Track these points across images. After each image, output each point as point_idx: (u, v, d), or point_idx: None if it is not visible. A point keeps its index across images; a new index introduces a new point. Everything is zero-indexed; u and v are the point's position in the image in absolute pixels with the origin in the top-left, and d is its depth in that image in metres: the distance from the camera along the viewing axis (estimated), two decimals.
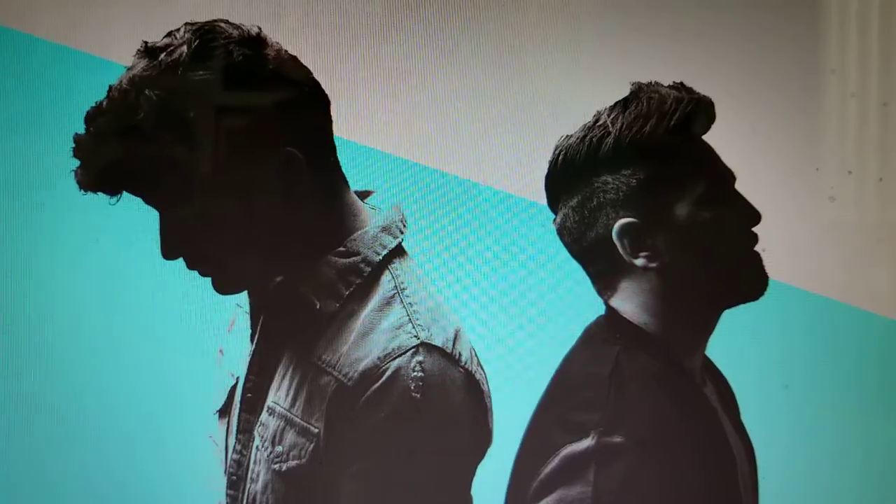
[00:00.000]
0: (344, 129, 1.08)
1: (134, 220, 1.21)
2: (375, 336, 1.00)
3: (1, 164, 1.28)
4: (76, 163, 0.99)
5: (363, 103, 1.22)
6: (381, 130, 1.22)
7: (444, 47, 1.24)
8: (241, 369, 1.09)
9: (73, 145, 0.99)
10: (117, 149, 0.98)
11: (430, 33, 1.24)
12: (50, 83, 1.27)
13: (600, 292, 1.10)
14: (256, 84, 1.00)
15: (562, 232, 1.11)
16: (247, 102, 1.00)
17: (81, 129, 0.99)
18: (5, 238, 1.27)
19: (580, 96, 1.23)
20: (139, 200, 1.02)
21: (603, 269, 1.08)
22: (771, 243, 1.09)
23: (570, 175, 1.08)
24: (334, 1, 1.24)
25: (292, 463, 1.00)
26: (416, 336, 1.00)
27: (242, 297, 1.11)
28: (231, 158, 0.99)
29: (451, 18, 1.24)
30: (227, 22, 1.02)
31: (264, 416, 1.04)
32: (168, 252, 1.02)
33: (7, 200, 1.27)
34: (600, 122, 1.06)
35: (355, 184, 1.09)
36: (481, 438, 1.05)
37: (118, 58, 1.21)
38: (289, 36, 1.06)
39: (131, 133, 0.97)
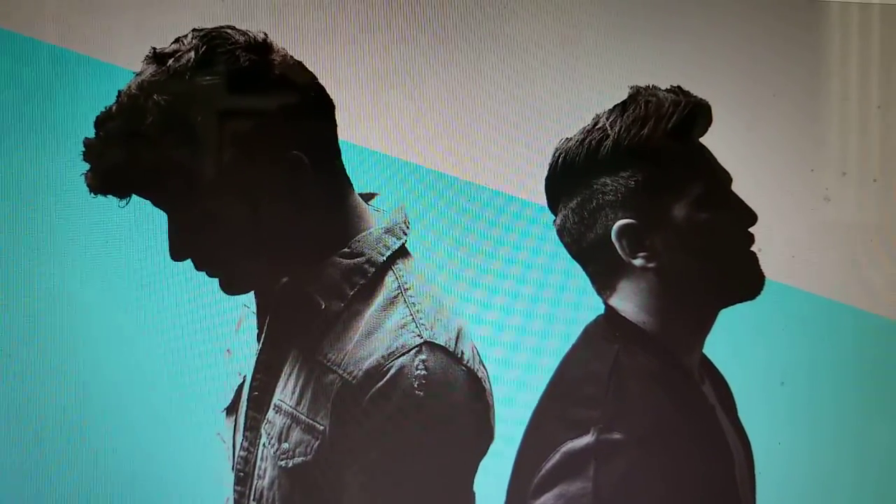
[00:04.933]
0: (348, 132, 1.10)
1: (142, 221, 1.23)
2: (379, 335, 1.02)
3: (9, 168, 1.30)
4: (83, 166, 1.01)
5: (367, 107, 1.23)
6: (385, 133, 1.23)
7: (445, 52, 1.25)
8: (249, 368, 1.11)
9: (83, 149, 1.01)
10: (126, 152, 1.00)
11: (433, 38, 1.25)
12: (54, 87, 1.29)
13: (599, 292, 1.11)
14: (262, 89, 1.02)
15: (562, 233, 1.13)
16: (253, 107, 1.02)
17: (85, 133, 1.01)
18: (11, 241, 1.29)
19: (580, 99, 1.24)
20: (148, 203, 1.03)
21: (602, 269, 1.10)
22: (767, 243, 1.11)
23: (569, 177, 1.10)
24: (337, 5, 1.25)
25: (298, 460, 1.02)
26: (419, 335, 1.02)
27: (249, 298, 1.13)
28: (237, 162, 1.01)
29: (453, 22, 1.25)
30: (233, 28, 1.04)
31: (271, 413, 1.06)
32: (176, 253, 1.04)
33: (25, 203, 1.29)
34: (599, 125, 1.08)
35: (360, 186, 1.10)
36: (483, 435, 1.06)
37: (122, 62, 1.22)
38: (291, 40, 1.08)
39: (140, 137, 0.99)
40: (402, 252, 1.09)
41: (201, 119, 1.00)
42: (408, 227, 1.10)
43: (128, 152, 1.00)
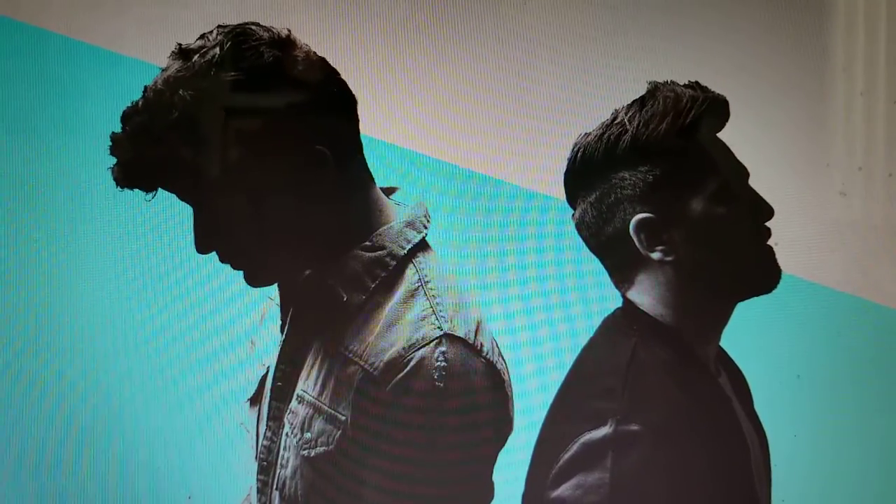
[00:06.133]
0: (370, 127, 1.11)
1: (169, 214, 1.24)
2: (400, 327, 1.03)
3: (26, 161, 1.31)
4: (106, 161, 1.03)
5: (389, 103, 1.24)
6: (406, 129, 1.24)
7: (467, 48, 1.26)
8: (272, 359, 1.13)
9: (110, 143, 1.03)
10: (153, 147, 1.01)
11: (454, 34, 1.26)
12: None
13: (618, 285, 1.12)
14: (285, 84, 1.03)
15: (580, 227, 1.13)
16: (276, 102, 1.03)
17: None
18: (37, 233, 1.30)
19: (597, 95, 1.25)
20: (174, 196, 1.05)
21: (620, 262, 1.11)
22: (783, 238, 1.11)
23: (588, 171, 1.10)
24: (359, 1, 1.26)
25: (320, 449, 1.03)
26: (439, 327, 1.02)
27: (273, 290, 1.14)
28: (260, 157, 1.02)
29: (474, 19, 1.26)
30: (257, 24, 1.05)
31: (294, 404, 1.07)
32: (201, 246, 1.05)
33: (50, 194, 1.30)
34: (618, 120, 1.09)
35: (381, 180, 1.12)
36: (502, 426, 1.08)
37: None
38: (315, 36, 1.09)
39: (166, 132, 1.00)
40: (423, 245, 1.10)
41: (225, 114, 1.01)
42: (428, 221, 1.11)
43: (153, 147, 1.01)
